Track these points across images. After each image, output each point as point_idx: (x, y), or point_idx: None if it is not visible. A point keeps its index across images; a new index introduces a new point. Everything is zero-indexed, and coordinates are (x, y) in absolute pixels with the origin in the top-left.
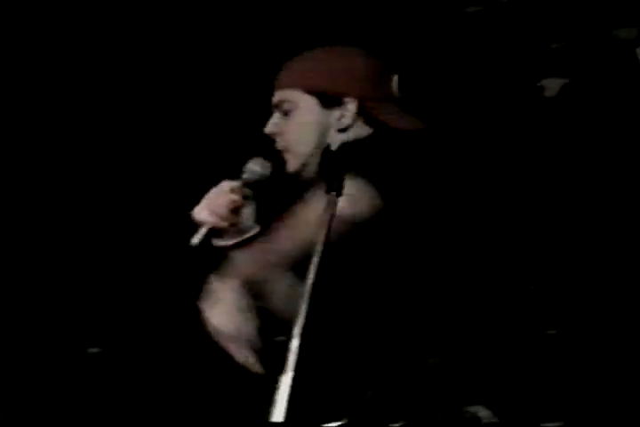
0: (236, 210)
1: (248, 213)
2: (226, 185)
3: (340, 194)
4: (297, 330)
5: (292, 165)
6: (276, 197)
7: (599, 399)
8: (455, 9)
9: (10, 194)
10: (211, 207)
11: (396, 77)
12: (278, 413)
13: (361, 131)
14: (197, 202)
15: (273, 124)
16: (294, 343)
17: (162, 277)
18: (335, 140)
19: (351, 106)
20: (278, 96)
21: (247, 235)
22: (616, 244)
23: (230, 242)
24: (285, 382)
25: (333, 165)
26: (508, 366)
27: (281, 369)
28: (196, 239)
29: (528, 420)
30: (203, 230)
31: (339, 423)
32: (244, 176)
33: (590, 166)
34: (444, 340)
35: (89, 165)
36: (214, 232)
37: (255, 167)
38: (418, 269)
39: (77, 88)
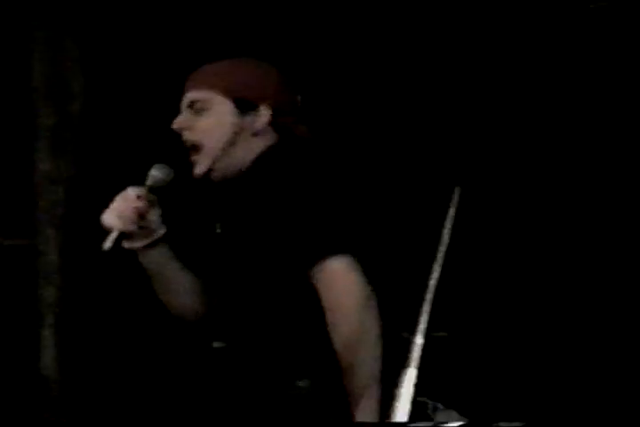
0: (142, 215)
1: (154, 216)
2: (131, 191)
3: None
4: (422, 326)
5: (202, 166)
6: (182, 199)
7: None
8: None
9: None
10: (118, 213)
11: (299, 97)
12: (403, 407)
13: (270, 137)
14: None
15: (182, 120)
16: (418, 341)
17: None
18: (246, 143)
19: (265, 113)
20: (192, 95)
21: (155, 236)
22: None
23: (140, 244)
24: (409, 378)
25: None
26: None
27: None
28: (107, 244)
29: None
30: (113, 235)
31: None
32: (148, 182)
33: None
34: None
35: None
36: (124, 235)
37: (157, 173)
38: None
39: None
